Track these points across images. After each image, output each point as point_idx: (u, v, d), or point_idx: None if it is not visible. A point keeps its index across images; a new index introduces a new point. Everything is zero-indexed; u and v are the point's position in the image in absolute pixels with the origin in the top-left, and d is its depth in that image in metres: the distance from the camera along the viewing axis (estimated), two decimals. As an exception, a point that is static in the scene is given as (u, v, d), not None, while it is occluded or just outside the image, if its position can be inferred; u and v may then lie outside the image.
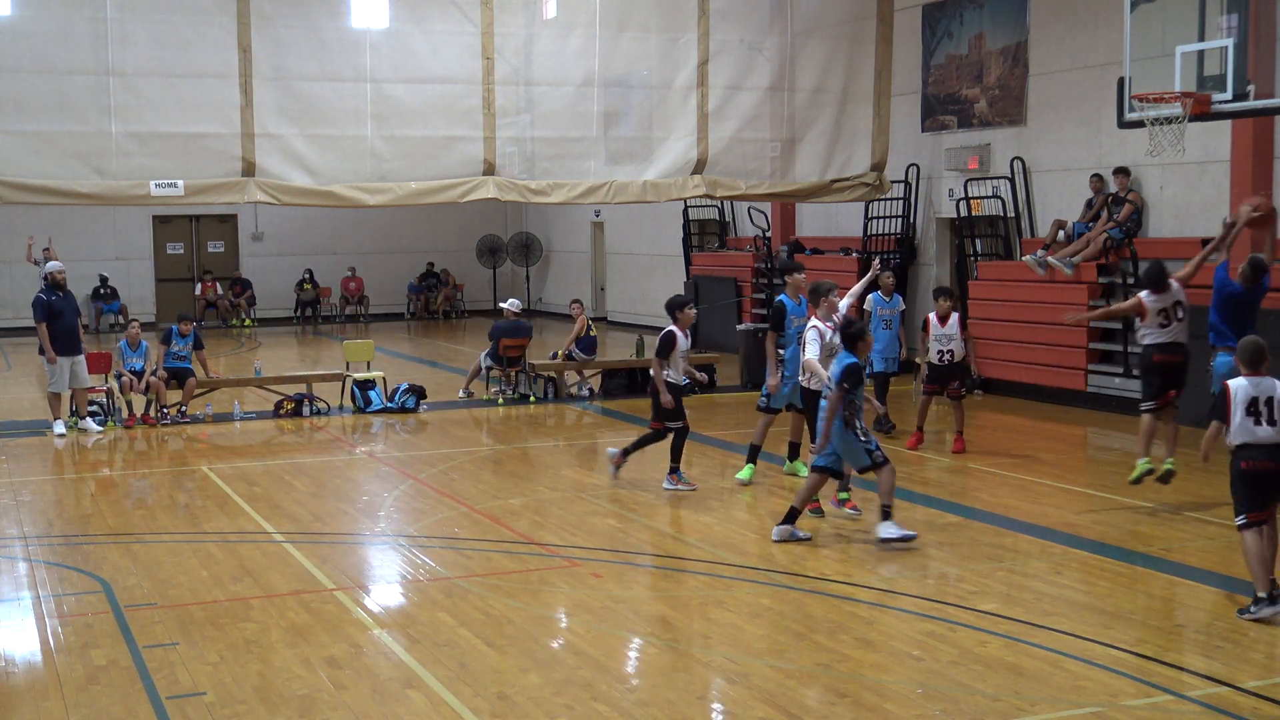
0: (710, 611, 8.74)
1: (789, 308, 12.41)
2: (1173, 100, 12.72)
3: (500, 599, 8.95)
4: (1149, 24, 13.50)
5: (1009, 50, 19.74)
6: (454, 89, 18.07)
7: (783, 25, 19.68)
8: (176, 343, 17.17)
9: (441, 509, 11.90)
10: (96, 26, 16.52)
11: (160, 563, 9.97)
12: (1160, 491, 11.88)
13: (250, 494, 12.50)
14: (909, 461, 13.70)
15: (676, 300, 12.75)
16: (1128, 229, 17.45)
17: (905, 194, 21.69)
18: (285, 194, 17.37)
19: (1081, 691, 7.10)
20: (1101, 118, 17.67)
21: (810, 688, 7.16)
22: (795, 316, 12.34)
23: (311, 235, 33.73)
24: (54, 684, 7.40)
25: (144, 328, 18.87)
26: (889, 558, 10.05)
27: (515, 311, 18.99)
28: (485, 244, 34.54)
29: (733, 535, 10.73)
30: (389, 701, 7.07)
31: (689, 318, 12.51)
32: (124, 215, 31.50)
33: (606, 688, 7.24)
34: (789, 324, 12.35)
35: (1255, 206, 12.09)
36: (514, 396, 18.58)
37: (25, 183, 16.35)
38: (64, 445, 15.56)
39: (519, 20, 18.36)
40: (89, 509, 12.21)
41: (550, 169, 18.57)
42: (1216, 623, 8.39)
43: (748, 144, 19.50)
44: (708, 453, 14.93)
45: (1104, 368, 17.62)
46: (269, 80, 17.15)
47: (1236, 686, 7.12)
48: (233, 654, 7.84)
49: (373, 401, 17.63)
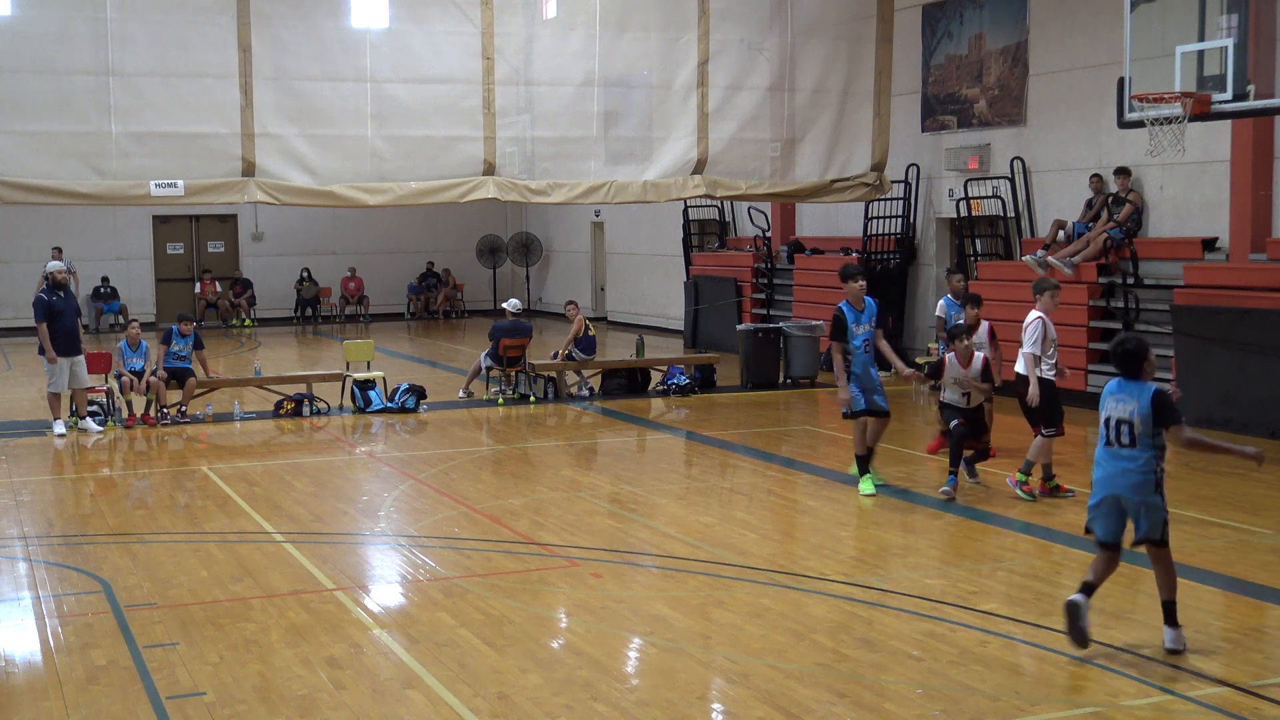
0: (710, 611, 8.74)
1: (850, 317, 11.97)
2: (1173, 100, 12.72)
3: (500, 599, 8.95)
4: (1149, 24, 13.51)
5: (1009, 50, 19.74)
6: (454, 89, 18.07)
7: (783, 25, 19.69)
8: (177, 343, 17.16)
9: (441, 509, 11.90)
10: (96, 26, 16.53)
11: (160, 563, 9.97)
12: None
13: (250, 494, 12.49)
14: (912, 462, 13.70)
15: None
16: (1128, 229, 17.45)
17: (905, 194, 21.69)
18: (285, 194, 17.38)
19: (1081, 691, 7.10)
20: (1101, 118, 17.67)
21: (810, 688, 7.16)
22: (857, 325, 11.98)
23: (311, 235, 33.73)
24: (54, 684, 7.40)
25: (144, 328, 18.88)
26: (889, 558, 10.06)
27: (515, 311, 18.99)
28: (485, 244, 34.54)
29: (733, 535, 10.73)
30: (389, 701, 7.06)
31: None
32: (124, 215, 31.50)
33: (606, 688, 7.24)
34: (852, 332, 11.95)
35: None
36: (514, 396, 18.57)
37: (25, 183, 16.36)
38: (64, 445, 15.56)
39: (519, 20, 18.37)
40: (89, 509, 12.21)
41: (550, 169, 18.58)
42: (1216, 623, 8.40)
43: (748, 144, 19.51)
44: (708, 453, 14.93)
45: (1104, 368, 17.60)
46: (269, 80, 17.16)
47: (1236, 686, 7.12)
48: (233, 654, 7.84)
49: (373, 401, 17.63)
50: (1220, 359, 15.52)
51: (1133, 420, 7.43)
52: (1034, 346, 11.55)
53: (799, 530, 11.30)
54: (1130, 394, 7.48)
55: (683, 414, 17.77)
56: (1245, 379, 15.29)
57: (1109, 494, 7.58)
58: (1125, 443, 7.47)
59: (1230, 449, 7.78)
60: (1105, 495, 7.61)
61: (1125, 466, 7.48)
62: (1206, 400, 15.67)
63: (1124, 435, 7.47)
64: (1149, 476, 7.46)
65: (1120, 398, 7.52)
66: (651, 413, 17.92)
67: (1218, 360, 15.55)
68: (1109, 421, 7.54)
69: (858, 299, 12.05)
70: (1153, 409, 7.38)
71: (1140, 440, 7.42)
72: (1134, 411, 7.42)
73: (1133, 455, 7.46)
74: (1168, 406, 7.41)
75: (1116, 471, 7.52)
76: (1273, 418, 14.95)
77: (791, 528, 11.41)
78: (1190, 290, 16.26)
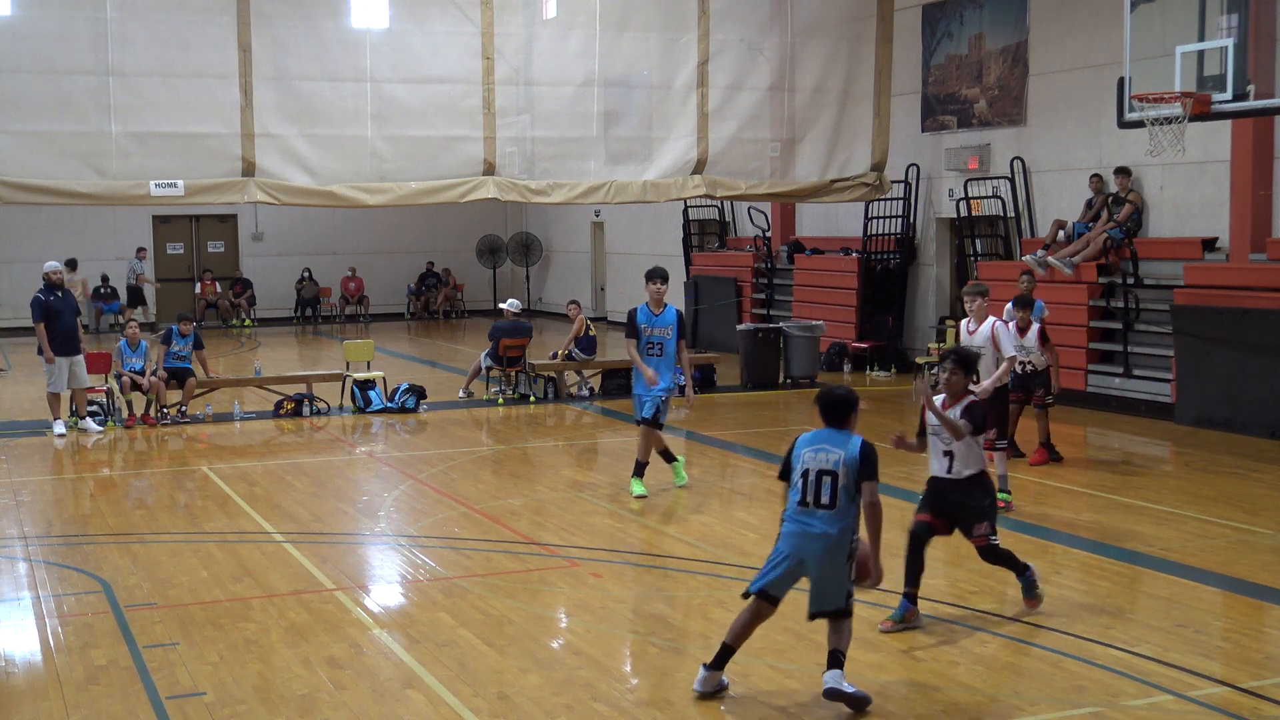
0: (710, 611, 8.74)
1: (640, 317, 11.95)
2: (1173, 100, 12.73)
3: (500, 599, 8.95)
4: (1149, 24, 13.51)
5: (1009, 50, 19.74)
6: (454, 89, 18.08)
7: (783, 25, 19.70)
8: (177, 343, 17.17)
9: (441, 509, 11.90)
10: (96, 26, 16.54)
11: (160, 563, 9.97)
12: (1160, 492, 11.88)
13: (250, 494, 12.49)
14: (908, 462, 13.68)
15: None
16: (1128, 229, 17.45)
17: (905, 194, 21.69)
18: (285, 194, 17.38)
19: (1081, 691, 7.10)
20: (1101, 118, 17.67)
21: (810, 688, 7.16)
22: (650, 326, 11.90)
23: (311, 235, 33.73)
24: (54, 684, 7.40)
25: (143, 328, 18.88)
26: (889, 558, 10.04)
27: (515, 311, 18.99)
28: (485, 244, 34.54)
29: (733, 535, 10.73)
30: (389, 701, 7.06)
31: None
32: (124, 215, 31.49)
33: (606, 688, 7.24)
34: (641, 332, 11.89)
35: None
36: (514, 396, 18.57)
37: (25, 183, 16.37)
38: (64, 445, 15.56)
39: (519, 20, 18.38)
40: (89, 509, 12.21)
41: (550, 169, 18.58)
42: (1216, 623, 8.40)
43: (748, 144, 19.51)
44: (708, 453, 14.93)
45: (1104, 368, 17.62)
46: (269, 80, 17.17)
47: (1236, 686, 7.12)
48: (233, 654, 7.84)
49: (373, 401, 17.63)
50: (1220, 359, 15.52)
51: (836, 471, 6.85)
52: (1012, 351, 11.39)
53: (799, 530, 11.29)
54: (835, 444, 6.93)
55: (683, 414, 17.77)
56: (1245, 379, 15.30)
57: (796, 557, 6.91)
58: (825, 502, 6.84)
59: (871, 555, 6.99)
60: (790, 556, 6.92)
61: (821, 530, 6.84)
62: (1206, 400, 15.69)
63: (824, 491, 6.85)
64: (844, 542, 6.86)
65: (822, 447, 6.94)
66: (651, 413, 17.90)
67: (1218, 360, 15.56)
68: (807, 474, 6.90)
69: (656, 302, 11.97)
70: (860, 459, 6.85)
71: (841, 496, 6.83)
72: (838, 462, 6.86)
73: (829, 517, 6.83)
74: (873, 461, 6.87)
75: (808, 534, 6.87)
76: (1273, 418, 14.95)
77: (791, 528, 11.39)
78: (1190, 290, 16.27)
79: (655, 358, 11.89)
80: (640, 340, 11.94)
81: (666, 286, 12.06)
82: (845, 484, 6.86)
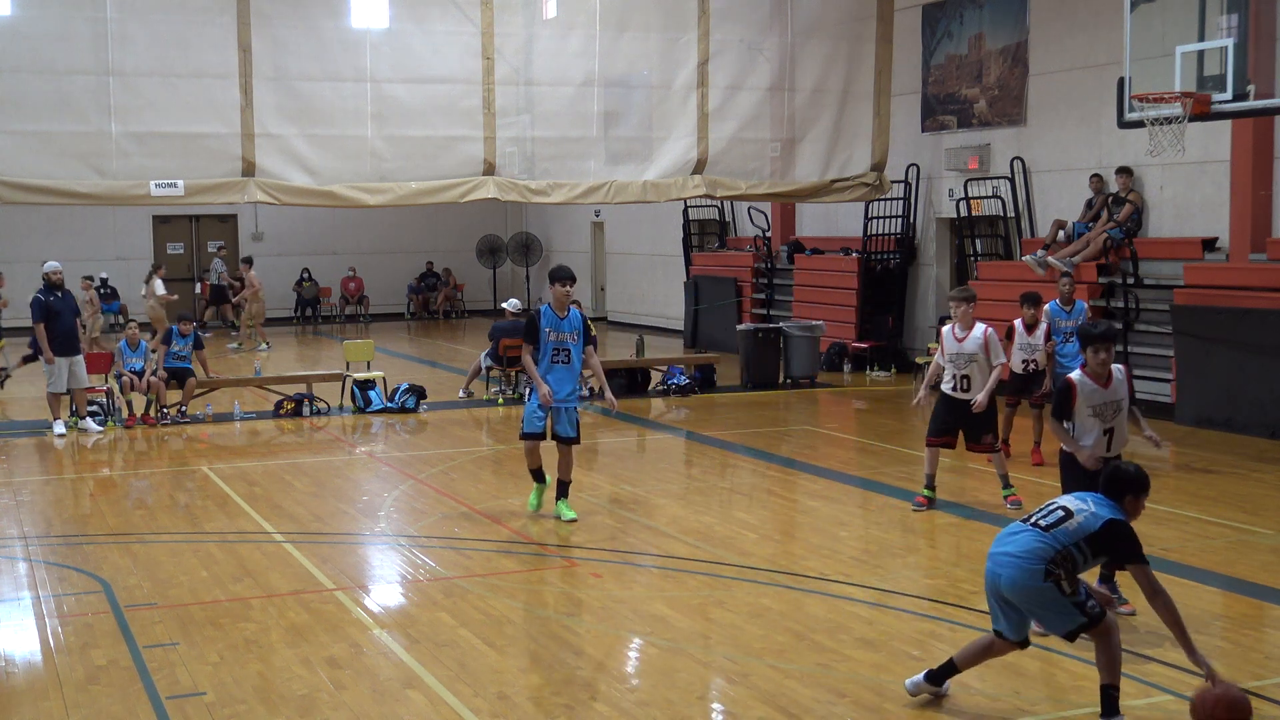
0: (710, 611, 8.74)
1: (544, 321, 11.03)
2: (1173, 100, 12.72)
3: (500, 599, 8.95)
4: (1149, 24, 13.50)
5: (1009, 50, 19.74)
6: (454, 89, 18.08)
7: (783, 25, 19.70)
8: (177, 343, 17.17)
9: (441, 509, 11.90)
10: (96, 26, 16.53)
11: (160, 563, 9.97)
12: (1160, 492, 11.84)
13: (250, 494, 12.49)
14: (912, 463, 13.69)
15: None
16: (1128, 229, 17.45)
17: (905, 194, 21.69)
18: (285, 194, 17.39)
19: (1081, 691, 7.09)
20: (1101, 118, 17.67)
21: (810, 688, 7.16)
22: (552, 331, 11.05)
23: (311, 235, 33.73)
24: (54, 684, 7.40)
25: (142, 328, 18.89)
26: (889, 558, 10.05)
27: (515, 312, 18.99)
28: (485, 244, 34.53)
29: (733, 535, 10.72)
30: (389, 701, 7.06)
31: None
32: (124, 215, 31.49)
33: (606, 688, 7.24)
34: (543, 336, 10.98)
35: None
36: (514, 396, 18.57)
37: (25, 183, 16.36)
38: (64, 445, 15.56)
39: (519, 20, 18.38)
40: (89, 509, 12.21)
41: (550, 169, 18.58)
42: (1216, 623, 8.39)
43: (748, 144, 19.51)
44: (708, 453, 14.93)
45: (1104, 368, 17.59)
46: (269, 80, 17.16)
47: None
48: (233, 654, 7.83)
49: (373, 401, 17.63)
50: (1220, 359, 15.52)
51: (1075, 515, 6.57)
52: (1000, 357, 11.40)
53: (799, 530, 11.31)
54: (1097, 503, 6.63)
55: (683, 414, 17.77)
56: (1245, 379, 15.30)
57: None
58: (1043, 524, 6.56)
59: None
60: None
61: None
62: (1206, 400, 15.69)
63: (1050, 517, 6.59)
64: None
65: (1084, 498, 6.72)
66: (651, 413, 17.92)
67: (1218, 360, 15.56)
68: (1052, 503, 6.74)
69: (559, 304, 11.03)
70: (1100, 530, 6.50)
71: (1061, 535, 6.50)
72: (1082, 513, 6.59)
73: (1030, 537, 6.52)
74: (1114, 538, 6.51)
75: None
76: (1273, 418, 14.95)
77: (791, 528, 11.41)
78: (1190, 290, 16.27)
79: (561, 365, 11.07)
80: (543, 346, 10.98)
81: (573, 288, 11.18)
82: (1071, 529, 6.48)
